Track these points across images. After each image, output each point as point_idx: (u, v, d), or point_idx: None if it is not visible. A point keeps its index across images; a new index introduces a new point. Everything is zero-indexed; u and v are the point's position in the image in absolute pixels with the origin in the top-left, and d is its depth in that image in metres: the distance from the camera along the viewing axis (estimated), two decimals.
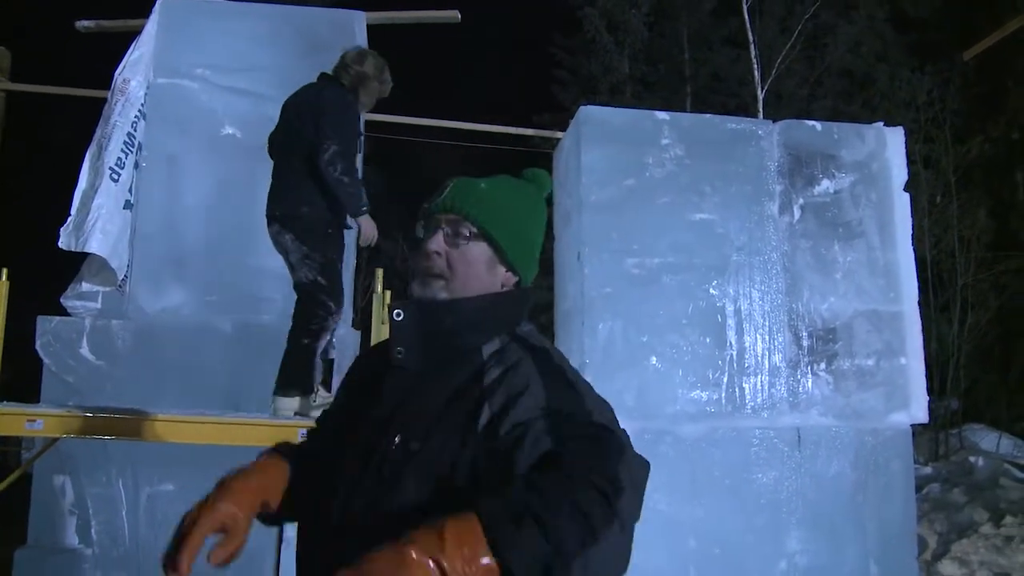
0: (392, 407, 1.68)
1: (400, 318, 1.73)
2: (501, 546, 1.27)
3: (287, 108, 4.86)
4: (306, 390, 4.74)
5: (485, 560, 1.26)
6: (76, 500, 5.12)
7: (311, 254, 4.66)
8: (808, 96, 19.07)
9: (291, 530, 4.89)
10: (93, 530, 5.01)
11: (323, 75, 4.97)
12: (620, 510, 1.38)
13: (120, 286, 5.34)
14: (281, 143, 4.85)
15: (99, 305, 5.32)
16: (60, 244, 5.15)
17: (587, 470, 1.40)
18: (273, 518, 1.80)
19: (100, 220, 5.07)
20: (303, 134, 4.67)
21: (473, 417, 1.59)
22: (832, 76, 19.55)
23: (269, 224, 4.81)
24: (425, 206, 1.81)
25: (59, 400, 4.94)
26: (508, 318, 1.79)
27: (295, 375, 4.76)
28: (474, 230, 1.75)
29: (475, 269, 1.76)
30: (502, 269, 1.81)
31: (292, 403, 4.75)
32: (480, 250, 1.76)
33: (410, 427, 1.62)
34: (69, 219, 5.15)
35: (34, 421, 4.27)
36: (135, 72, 5.40)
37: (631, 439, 1.61)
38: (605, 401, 1.71)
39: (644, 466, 1.54)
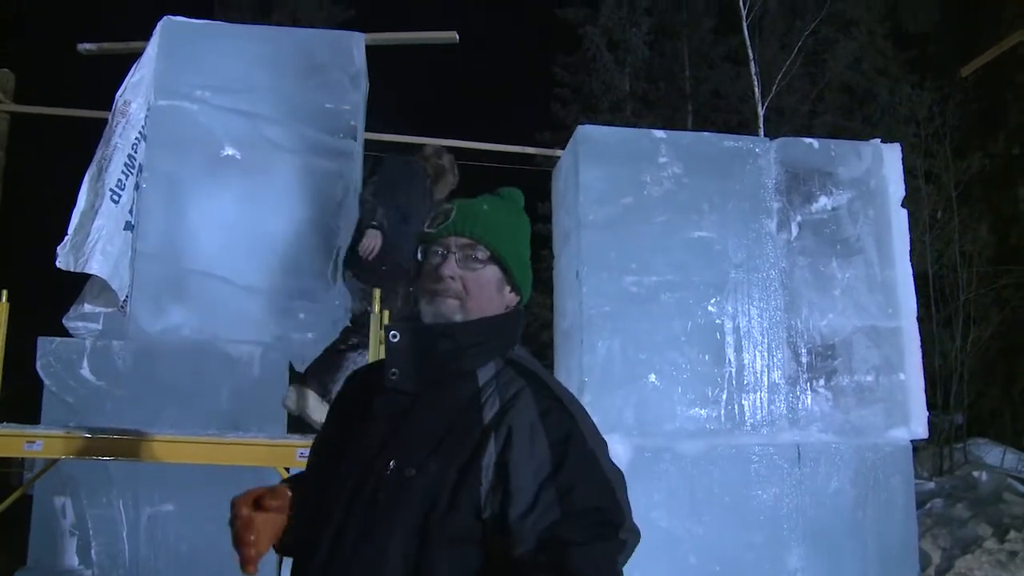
0: (386, 431, 1.68)
1: (396, 340, 1.75)
2: None
3: None
4: (324, 392, 4.86)
5: None
6: (76, 521, 5.12)
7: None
8: (809, 112, 19.09)
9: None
10: (93, 551, 5.01)
11: None
12: None
13: (122, 307, 5.36)
14: None
15: (100, 326, 5.34)
16: (58, 263, 5.17)
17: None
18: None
19: (100, 241, 5.10)
20: None
21: (476, 455, 1.61)
22: (833, 92, 19.56)
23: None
24: (428, 229, 1.82)
25: (60, 421, 4.95)
26: (504, 341, 1.80)
27: (321, 371, 4.99)
28: (487, 254, 1.77)
29: (487, 291, 1.78)
30: (508, 290, 1.84)
31: (305, 395, 4.95)
32: (492, 273, 1.79)
33: (405, 453, 1.62)
34: (67, 239, 5.17)
35: (33, 442, 4.27)
36: (136, 94, 5.44)
37: (630, 457, 1.69)
38: (595, 427, 1.73)
39: (631, 549, 1.61)
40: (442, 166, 5.72)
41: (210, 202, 5.44)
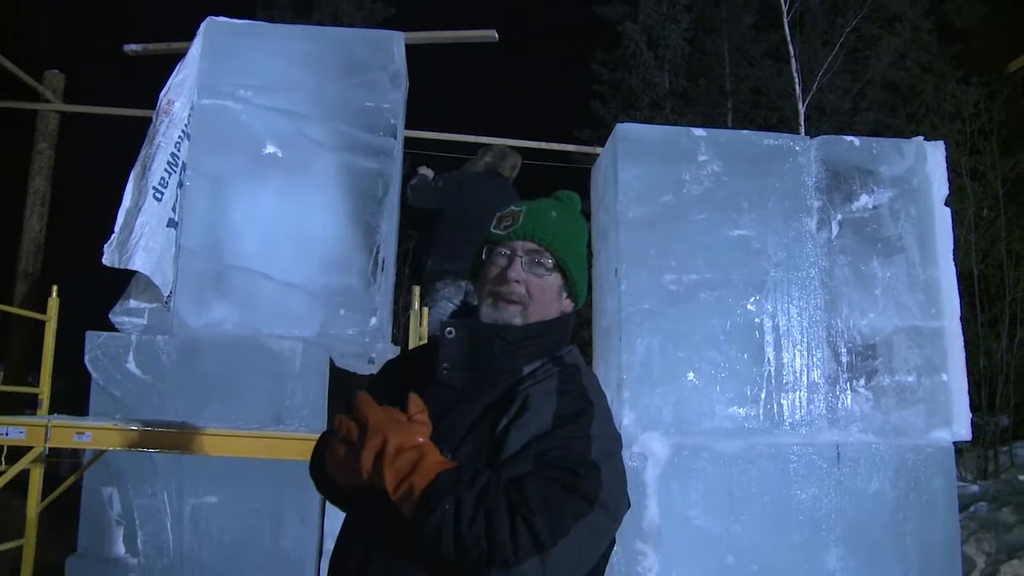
0: (432, 421, 1.69)
1: (452, 336, 1.79)
2: (421, 510, 1.47)
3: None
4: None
5: (406, 509, 1.49)
6: (123, 511, 5.22)
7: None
8: (851, 109, 18.84)
9: (330, 542, 4.96)
10: (139, 540, 5.11)
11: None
12: (537, 564, 1.47)
13: (166, 303, 5.44)
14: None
15: (145, 321, 5.43)
16: (104, 261, 5.26)
17: (530, 508, 1.48)
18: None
19: (143, 238, 5.18)
20: None
21: (492, 427, 1.68)
22: (875, 89, 19.29)
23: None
24: (494, 231, 1.85)
25: (107, 413, 5.06)
26: (553, 343, 1.84)
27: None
28: (552, 261, 1.82)
29: (549, 297, 1.83)
30: (565, 296, 1.89)
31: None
32: (555, 280, 1.84)
33: (444, 438, 1.66)
34: (113, 236, 5.26)
35: (83, 434, 4.38)
36: (179, 94, 5.51)
37: (668, 456, 1.69)
38: (615, 431, 1.75)
39: (599, 527, 1.59)
40: (501, 152, 6.96)
41: (252, 199, 5.50)
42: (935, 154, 5.89)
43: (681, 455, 5.18)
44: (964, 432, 5.58)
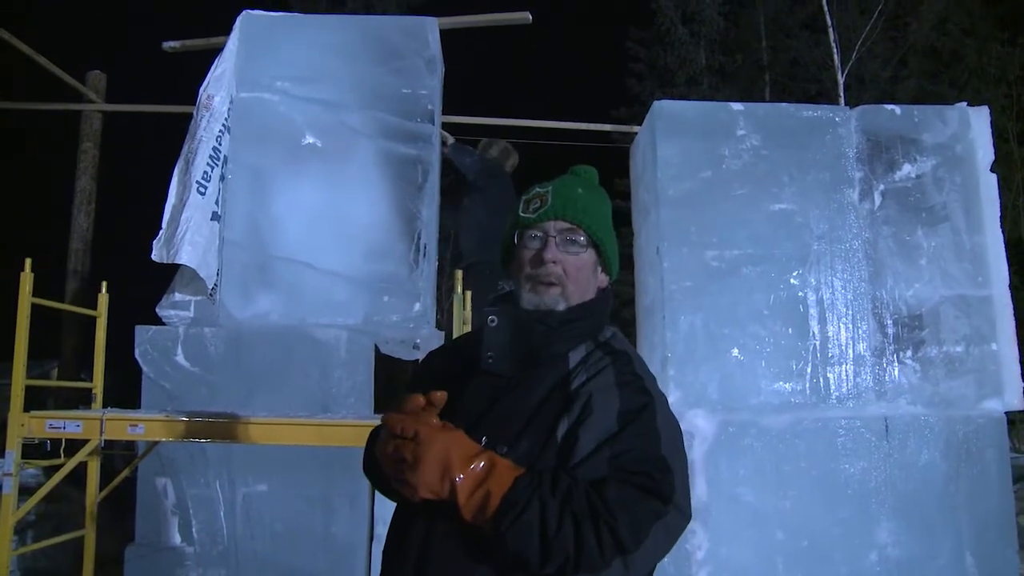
0: (479, 411, 1.72)
1: (494, 324, 1.78)
2: (505, 518, 1.46)
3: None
4: None
5: (483, 517, 1.48)
6: (177, 501, 5.30)
7: None
8: (891, 78, 18.49)
9: (381, 527, 5.01)
10: (194, 529, 5.19)
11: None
12: (624, 564, 1.50)
13: (211, 295, 5.51)
14: None
15: (192, 314, 5.50)
16: (153, 257, 5.34)
17: (613, 514, 1.48)
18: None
19: (189, 232, 5.24)
20: None
21: (554, 425, 1.65)
22: (916, 55, 18.93)
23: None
24: (523, 215, 1.84)
25: (158, 405, 5.14)
26: (594, 325, 1.83)
27: None
28: (586, 238, 1.81)
29: (585, 274, 1.82)
30: (600, 271, 1.88)
31: None
32: (590, 256, 1.83)
33: (498, 431, 1.66)
34: (160, 232, 5.33)
35: (136, 426, 4.47)
36: (218, 88, 5.56)
37: (715, 432, 1.68)
38: (674, 418, 1.74)
39: (674, 527, 1.60)
40: (506, 148, 6.82)
41: (293, 190, 5.54)
42: (979, 119, 5.79)
43: (728, 432, 5.16)
44: (1016, 402, 5.50)
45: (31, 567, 7.65)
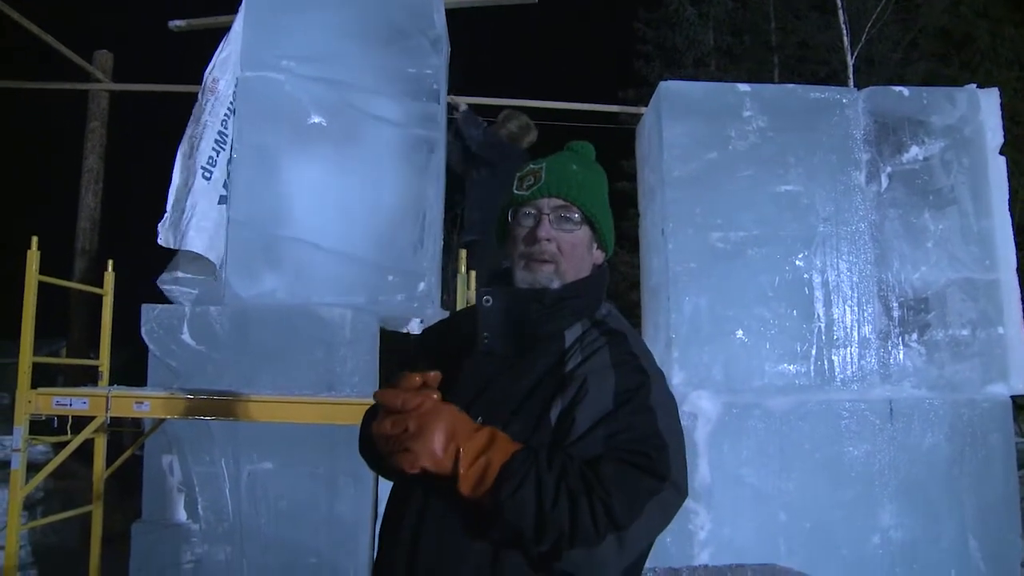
0: (475, 391, 1.71)
1: (489, 304, 1.77)
2: (503, 489, 1.47)
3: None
4: None
5: (482, 489, 1.48)
6: (183, 478, 5.33)
7: None
8: (901, 60, 18.34)
9: (384, 505, 5.03)
10: (199, 506, 5.22)
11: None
12: (617, 539, 1.49)
13: (216, 276, 5.53)
14: None
15: (195, 290, 5.51)
16: (159, 241, 5.36)
17: (607, 490, 1.48)
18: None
19: (195, 217, 5.26)
20: None
21: (547, 406, 1.64)
22: (927, 38, 18.76)
23: None
24: (517, 192, 1.83)
25: (164, 384, 5.15)
26: (590, 302, 1.81)
27: None
28: (580, 215, 1.79)
29: (580, 252, 1.80)
30: (595, 248, 1.86)
31: None
32: (584, 233, 1.81)
33: (492, 410, 1.65)
34: (165, 216, 5.34)
35: (142, 403, 4.49)
36: (224, 71, 5.55)
37: (719, 414, 1.66)
38: (671, 395, 1.73)
39: (670, 503, 1.59)
40: (526, 125, 6.59)
41: (299, 169, 5.54)
42: (989, 101, 5.75)
43: (731, 413, 5.17)
44: (1022, 386, 5.50)
45: (41, 542, 7.72)
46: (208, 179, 5.43)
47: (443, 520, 1.61)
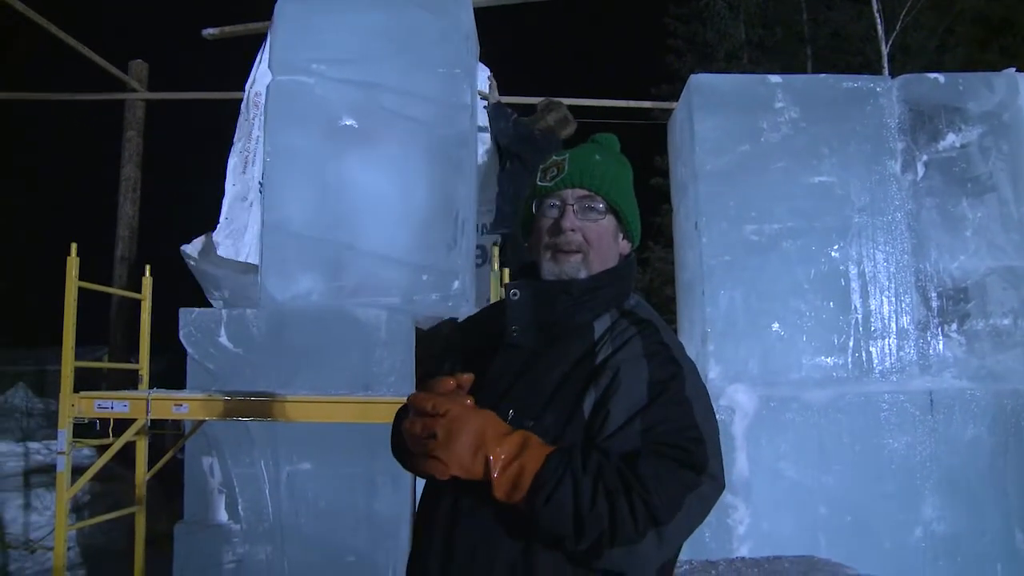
0: (506, 385, 1.70)
1: (516, 298, 1.77)
2: (538, 496, 1.46)
3: None
4: None
5: (518, 495, 1.48)
6: (223, 479, 5.39)
7: None
8: (938, 47, 18.00)
9: None
10: (240, 507, 5.27)
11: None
12: (658, 535, 1.49)
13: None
14: None
15: (219, 271, 5.63)
16: (219, 252, 5.49)
17: (646, 488, 1.48)
18: None
19: (258, 235, 5.43)
20: None
21: (580, 398, 1.63)
22: (964, 23, 18.38)
23: None
24: (540, 183, 1.83)
25: (203, 386, 5.22)
26: (618, 292, 1.81)
27: None
28: (604, 204, 1.79)
29: (606, 241, 1.80)
30: (622, 237, 1.86)
31: None
32: (609, 223, 1.81)
33: (524, 403, 1.65)
34: (221, 227, 5.46)
35: (180, 405, 4.57)
36: (264, 84, 5.64)
37: (756, 408, 1.64)
38: (703, 386, 1.71)
39: (708, 496, 1.58)
40: (564, 118, 6.58)
41: (331, 171, 5.58)
42: None
43: (769, 407, 5.13)
44: None
45: (89, 544, 7.87)
46: (263, 194, 5.55)
47: (476, 514, 1.60)
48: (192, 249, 5.83)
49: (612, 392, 1.61)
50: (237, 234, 5.47)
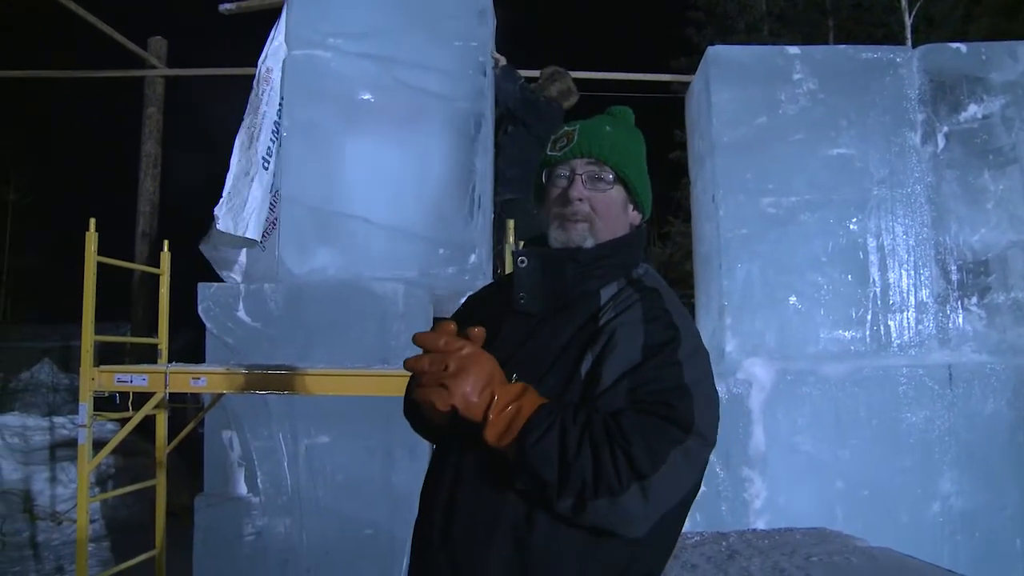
0: (511, 350, 1.71)
1: (524, 265, 1.78)
2: (528, 438, 1.49)
3: None
4: None
5: (508, 437, 1.51)
6: (243, 453, 5.44)
7: None
8: (963, 17, 17.67)
9: None
10: (259, 480, 5.32)
11: None
12: (641, 489, 1.49)
13: (261, 243, 5.67)
14: None
15: (237, 258, 5.66)
16: (219, 227, 5.51)
17: (628, 440, 1.49)
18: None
19: (257, 209, 5.43)
20: None
21: (578, 360, 1.65)
22: None
23: None
24: (550, 153, 1.84)
25: (221, 361, 5.26)
26: (626, 261, 1.81)
27: None
28: (612, 175, 1.79)
29: (615, 211, 1.81)
30: (631, 208, 1.86)
31: None
32: (618, 193, 1.81)
33: (528, 368, 1.66)
34: (222, 202, 5.47)
35: (198, 379, 4.61)
36: (276, 60, 5.63)
37: (773, 381, 1.63)
38: (704, 352, 1.72)
39: (695, 454, 1.58)
40: (568, 89, 6.46)
41: (348, 146, 5.59)
42: None
43: (786, 380, 5.12)
44: None
45: (113, 516, 8.01)
46: (267, 169, 5.56)
47: (477, 479, 1.63)
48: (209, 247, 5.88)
49: (607, 353, 1.62)
50: (237, 209, 5.48)
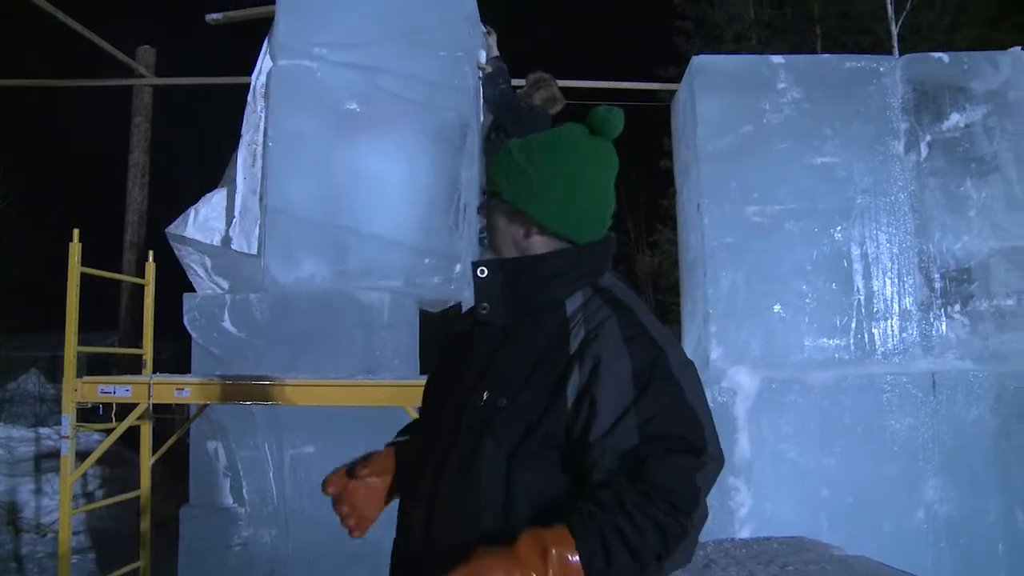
0: (481, 364, 1.71)
1: (484, 275, 1.76)
2: (592, 564, 1.44)
3: None
4: None
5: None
6: (228, 463, 5.44)
7: None
8: (948, 27, 17.76)
9: None
10: (244, 490, 5.32)
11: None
12: (694, 521, 1.52)
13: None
14: None
15: (205, 251, 5.68)
16: (233, 247, 5.52)
17: (665, 489, 1.50)
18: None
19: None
20: None
21: (562, 381, 1.62)
22: (977, 0, 18.13)
23: None
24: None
25: (207, 371, 5.25)
26: (589, 271, 1.78)
27: None
28: (495, 200, 1.79)
29: (500, 235, 1.79)
30: (533, 231, 1.77)
31: None
32: (500, 217, 1.79)
33: (498, 383, 1.65)
34: (235, 221, 5.50)
35: (182, 389, 4.61)
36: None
37: (757, 389, 1.66)
38: (689, 363, 1.70)
39: (711, 474, 1.59)
40: (552, 97, 6.29)
41: (333, 155, 5.59)
42: None
43: (770, 388, 5.13)
44: None
45: (98, 527, 7.95)
46: None
47: (460, 470, 1.64)
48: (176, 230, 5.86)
49: (595, 381, 1.59)
50: (249, 228, 5.51)
